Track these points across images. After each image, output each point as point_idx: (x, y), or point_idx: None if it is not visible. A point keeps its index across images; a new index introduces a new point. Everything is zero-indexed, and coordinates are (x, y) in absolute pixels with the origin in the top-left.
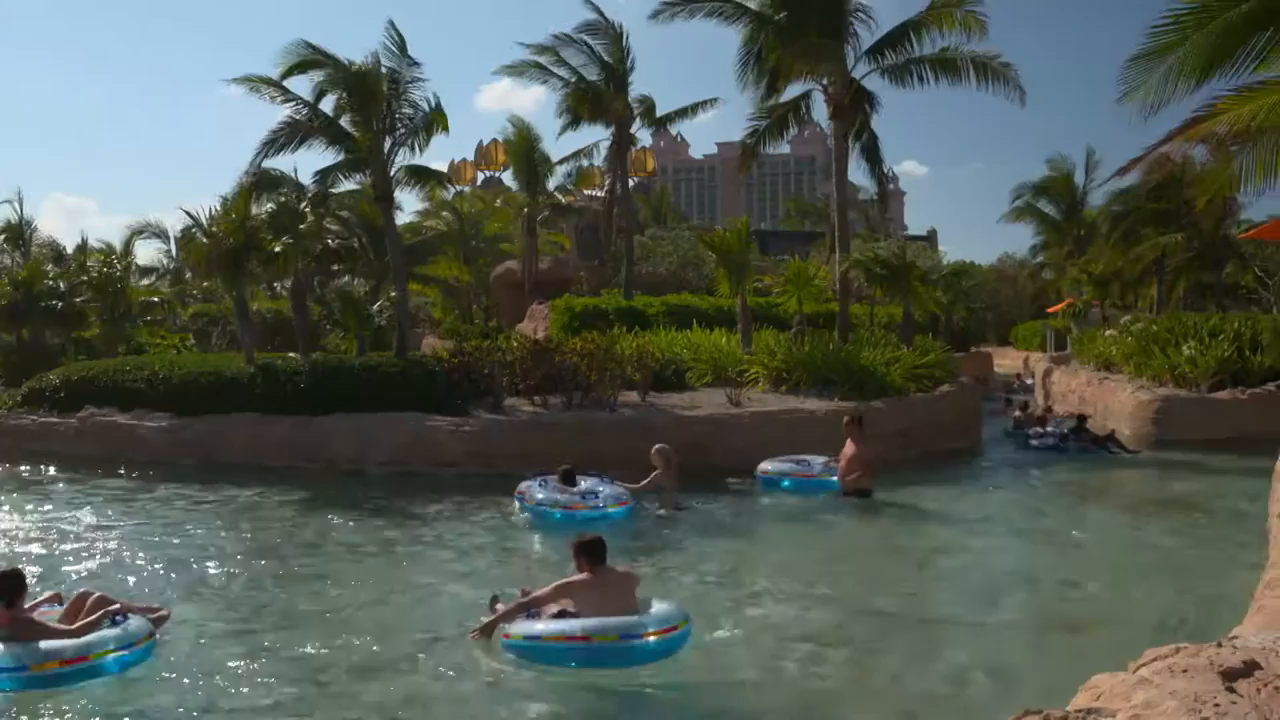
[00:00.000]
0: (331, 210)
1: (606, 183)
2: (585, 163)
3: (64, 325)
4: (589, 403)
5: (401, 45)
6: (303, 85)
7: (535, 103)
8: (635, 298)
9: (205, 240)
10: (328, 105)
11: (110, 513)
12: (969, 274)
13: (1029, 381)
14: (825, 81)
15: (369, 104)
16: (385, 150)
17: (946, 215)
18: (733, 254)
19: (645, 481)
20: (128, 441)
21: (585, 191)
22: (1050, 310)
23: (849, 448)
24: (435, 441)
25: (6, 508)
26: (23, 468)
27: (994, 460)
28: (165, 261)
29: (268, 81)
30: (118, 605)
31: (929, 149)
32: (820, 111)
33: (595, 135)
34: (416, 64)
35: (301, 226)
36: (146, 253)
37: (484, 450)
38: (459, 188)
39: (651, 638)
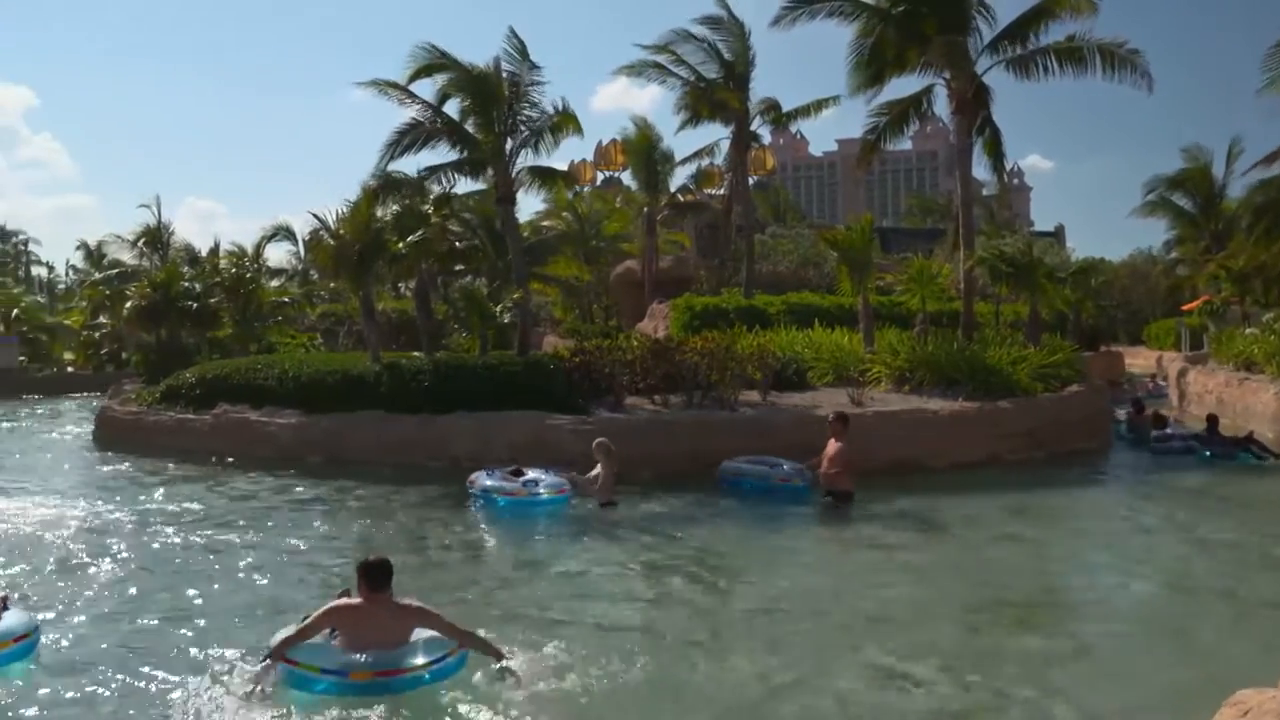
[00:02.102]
0: (454, 211)
1: (726, 181)
2: (705, 161)
3: (199, 325)
4: (709, 402)
5: (522, 50)
6: (426, 89)
7: (651, 102)
8: (755, 296)
9: (332, 242)
10: (451, 108)
11: (242, 507)
12: (1098, 271)
13: (1161, 383)
14: (947, 75)
15: (491, 107)
16: (507, 152)
17: (1074, 210)
18: (855, 252)
19: (592, 474)
20: (258, 437)
21: (705, 190)
22: (1185, 308)
23: (831, 446)
24: (555, 440)
25: (146, 499)
26: (166, 463)
27: (1118, 464)
28: (294, 263)
29: (394, 85)
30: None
31: (1053, 142)
32: (942, 106)
33: (715, 134)
34: (537, 67)
35: (425, 228)
36: (276, 255)
37: None
38: (579, 188)
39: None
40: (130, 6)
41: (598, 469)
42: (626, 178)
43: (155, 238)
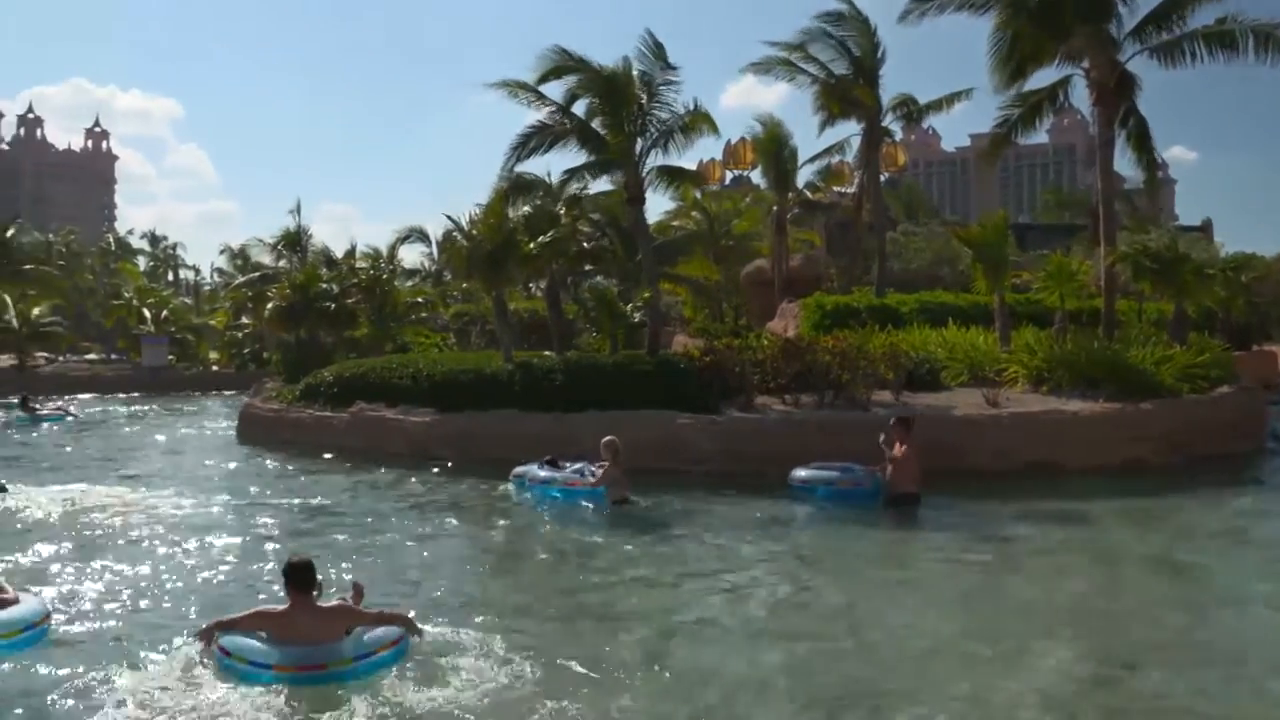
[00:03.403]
0: (584, 212)
1: (857, 179)
2: (835, 159)
3: (336, 325)
4: (841, 402)
5: (658, 52)
6: (554, 90)
7: (778, 100)
8: (887, 295)
9: (465, 243)
10: (580, 109)
11: (380, 504)
12: (1250, 267)
13: None
14: (1086, 65)
15: (621, 107)
16: (637, 152)
17: (1221, 204)
18: (990, 248)
19: (600, 475)
20: (393, 435)
21: (835, 188)
22: None
23: (895, 451)
24: (685, 439)
25: (278, 493)
26: (305, 459)
27: (1276, 470)
28: (427, 264)
29: (524, 86)
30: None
31: (1199, 132)
32: (1081, 97)
33: (845, 131)
34: (672, 68)
35: (556, 228)
36: (410, 256)
37: (733, 448)
38: (708, 187)
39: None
40: (267, 22)
41: (604, 469)
42: (756, 176)
43: (294, 241)
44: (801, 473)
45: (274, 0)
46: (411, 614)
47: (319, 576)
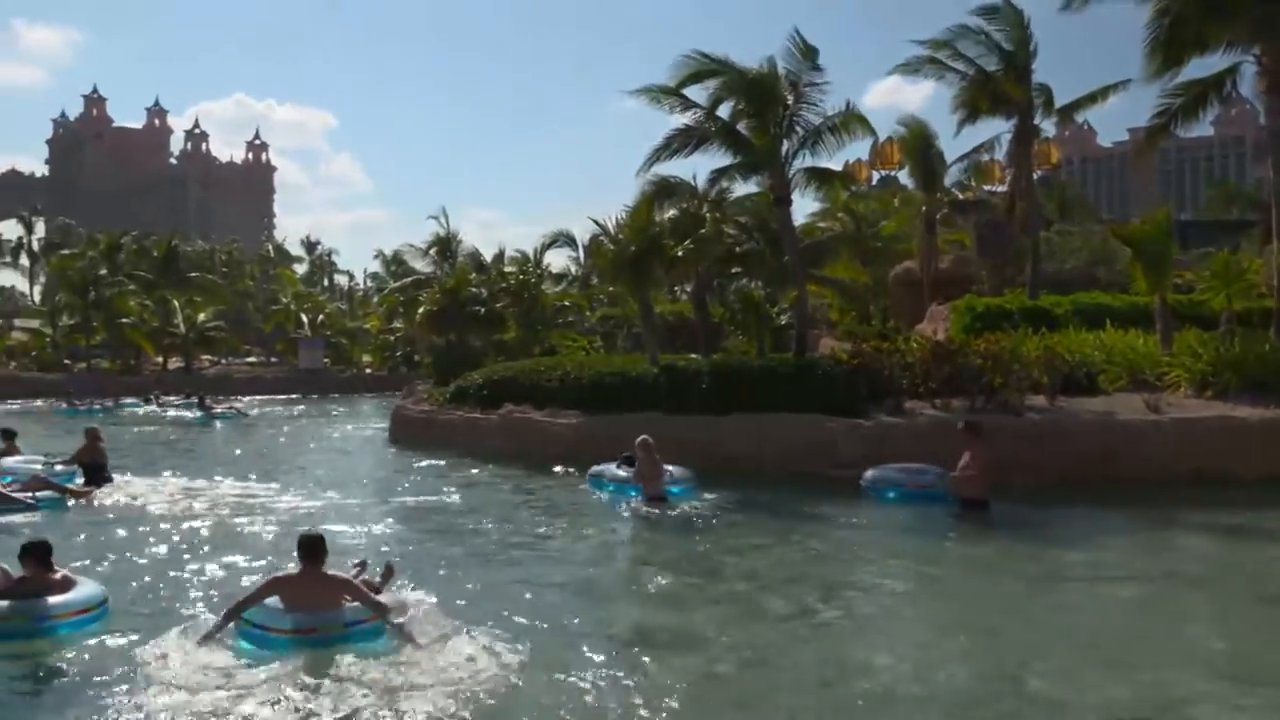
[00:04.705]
0: (730, 214)
1: (1008, 177)
2: (985, 157)
3: (486, 329)
4: (993, 406)
5: (806, 53)
6: (698, 93)
7: (924, 99)
8: (1041, 297)
9: (611, 247)
10: (725, 111)
11: (514, 503)
12: None
13: None
14: (1258, 51)
15: (767, 109)
16: (783, 153)
17: None
18: (1151, 247)
19: (634, 472)
20: (541, 437)
21: (985, 187)
22: None
23: (966, 456)
24: (832, 443)
25: (424, 492)
26: (454, 459)
27: None
28: (574, 268)
29: (667, 91)
30: None
31: None
32: (1250, 86)
33: (994, 129)
34: (820, 69)
35: (701, 231)
36: (557, 260)
37: (882, 453)
38: (855, 187)
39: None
40: (416, 35)
41: (637, 467)
42: (903, 176)
43: (444, 247)
44: (872, 473)
45: (422, 13)
46: (403, 618)
47: (367, 561)
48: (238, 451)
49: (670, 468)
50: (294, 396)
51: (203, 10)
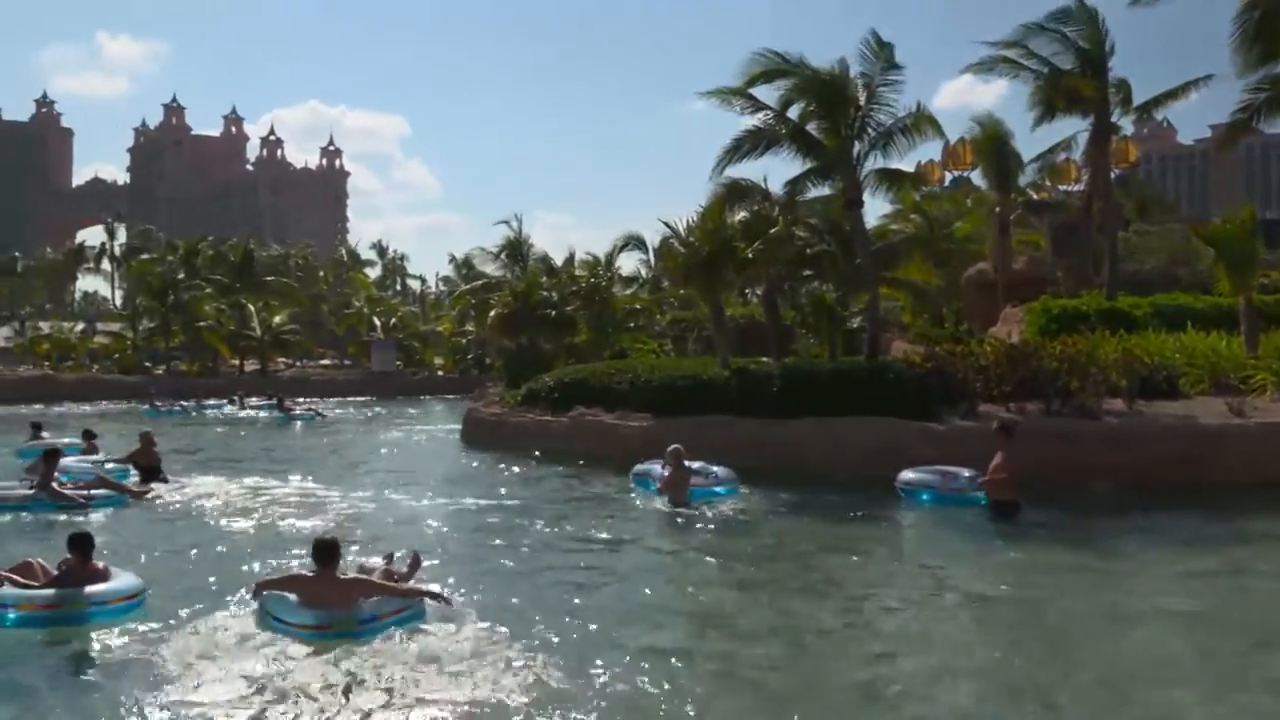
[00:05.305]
0: (801, 216)
1: (1084, 176)
2: (1061, 156)
3: (556, 332)
4: (1069, 410)
5: (882, 53)
6: (767, 94)
7: (997, 98)
8: (1119, 298)
9: (682, 249)
10: (795, 113)
11: (580, 507)
12: None
13: None
14: None
15: (838, 110)
16: (855, 155)
17: None
18: (1235, 246)
19: (664, 479)
20: (611, 439)
21: (1061, 187)
22: None
23: (996, 458)
24: (905, 447)
25: (489, 494)
26: (524, 462)
27: None
28: (645, 271)
29: (737, 93)
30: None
31: None
32: None
33: (1071, 127)
34: (896, 67)
35: (772, 233)
36: (628, 263)
37: (955, 457)
38: (927, 188)
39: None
40: (486, 40)
41: (667, 473)
42: (976, 177)
43: (515, 250)
44: (908, 475)
45: (492, 19)
46: (436, 587)
47: (422, 561)
48: (312, 452)
49: (715, 468)
50: (367, 398)
51: (277, 20)
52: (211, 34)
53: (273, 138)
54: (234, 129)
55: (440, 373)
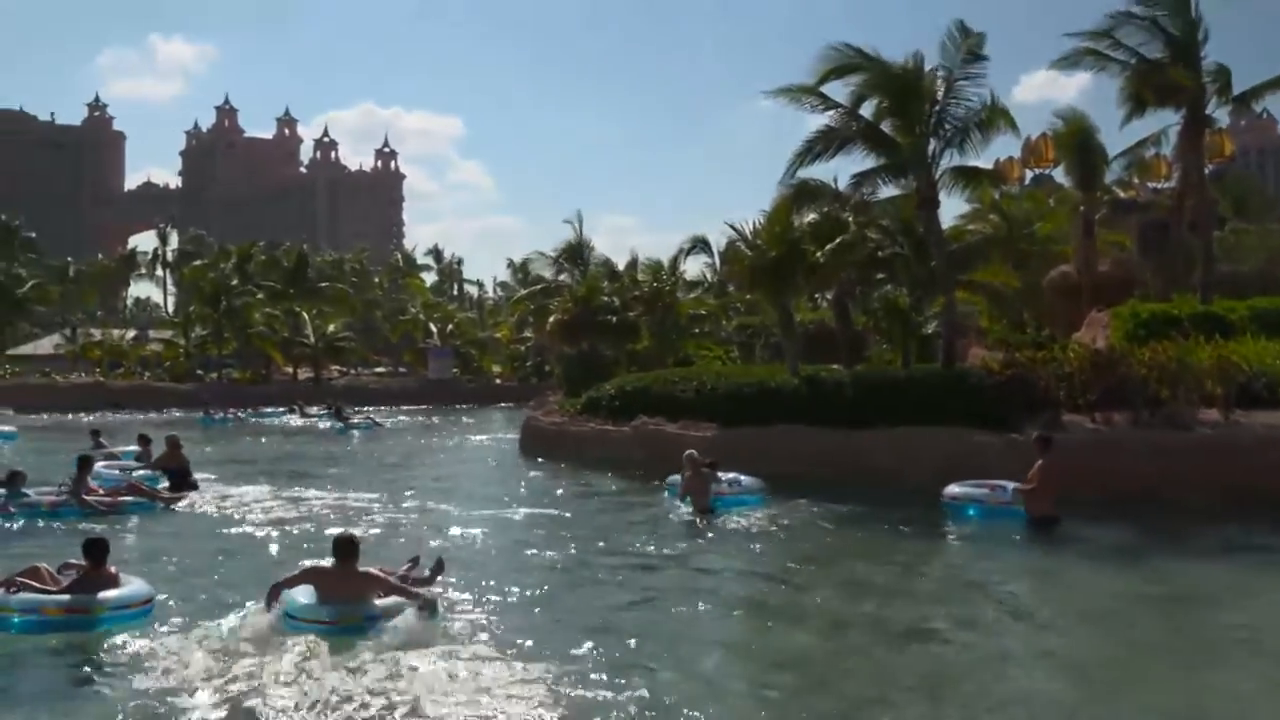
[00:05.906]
0: (873, 217)
1: (1176, 173)
2: (1151, 151)
3: (618, 338)
4: (1159, 420)
5: (969, 42)
6: (838, 91)
7: (1079, 91)
8: (1214, 301)
9: (749, 253)
10: (868, 110)
11: (632, 521)
12: None
13: None
14: None
15: (912, 105)
16: (930, 153)
17: None
18: None
19: (683, 486)
20: (675, 449)
21: (1150, 185)
22: None
23: (1034, 470)
24: (981, 457)
25: (543, 505)
26: (585, 472)
27: None
28: (710, 275)
29: (807, 90)
30: None
31: None
32: None
33: (1160, 121)
34: (983, 58)
35: (843, 235)
36: (693, 267)
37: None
38: (1006, 187)
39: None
40: (543, 40)
41: (685, 481)
42: (1059, 175)
43: (576, 254)
44: (954, 489)
45: (548, 18)
46: (439, 591)
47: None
48: (366, 461)
49: (742, 477)
50: (424, 407)
51: (331, 21)
52: (263, 36)
53: (326, 139)
54: (287, 131)
55: (498, 380)
